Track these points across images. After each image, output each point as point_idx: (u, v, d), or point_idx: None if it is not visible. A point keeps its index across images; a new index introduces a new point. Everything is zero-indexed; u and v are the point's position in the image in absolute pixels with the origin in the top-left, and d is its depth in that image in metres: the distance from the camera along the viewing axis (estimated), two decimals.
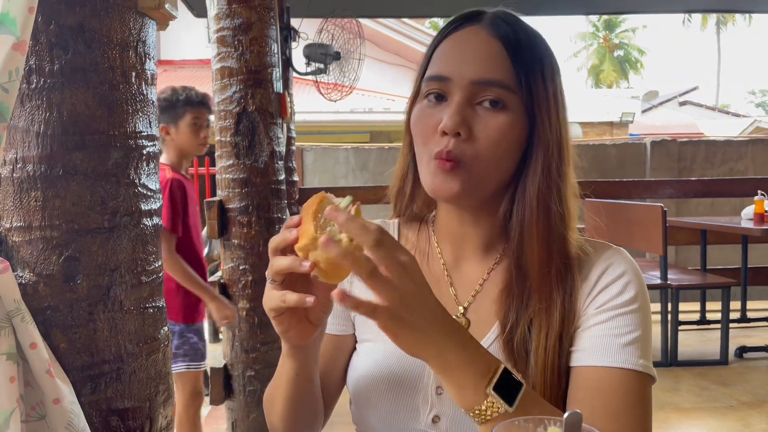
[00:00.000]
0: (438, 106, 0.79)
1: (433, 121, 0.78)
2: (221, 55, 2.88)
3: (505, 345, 0.79)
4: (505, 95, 0.77)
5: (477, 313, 0.85)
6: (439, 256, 0.89)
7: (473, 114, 0.77)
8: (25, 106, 1.03)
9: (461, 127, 0.75)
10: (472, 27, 0.80)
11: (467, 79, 0.76)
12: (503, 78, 0.76)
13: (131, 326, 1.11)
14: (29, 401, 1.00)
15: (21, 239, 1.04)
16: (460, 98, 0.76)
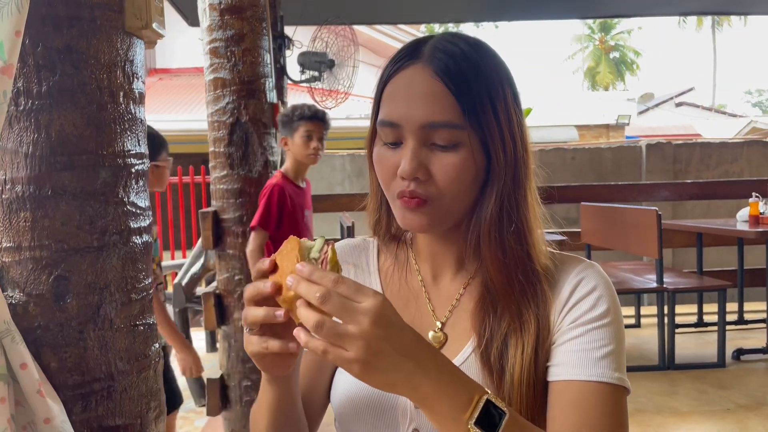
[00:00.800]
0: (394, 149, 0.80)
1: (391, 164, 0.80)
2: (214, 66, 2.90)
3: (481, 359, 0.80)
4: (456, 134, 0.77)
5: (454, 328, 0.86)
6: (418, 273, 0.91)
7: (429, 154, 0.78)
8: (14, 128, 1.03)
9: (418, 171, 0.77)
10: (413, 66, 0.79)
11: (416, 125, 0.77)
12: (450, 118, 0.76)
13: (122, 344, 1.12)
14: (20, 421, 1.01)
15: (10, 259, 1.05)
16: (413, 143, 0.77)
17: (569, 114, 12.29)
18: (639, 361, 4.02)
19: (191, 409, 3.47)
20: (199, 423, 3.33)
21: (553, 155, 6.43)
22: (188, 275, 3.63)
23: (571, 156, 6.50)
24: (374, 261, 0.94)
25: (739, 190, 5.04)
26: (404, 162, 0.77)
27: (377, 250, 0.95)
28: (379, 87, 0.83)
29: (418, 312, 0.88)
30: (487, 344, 0.79)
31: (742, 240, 4.63)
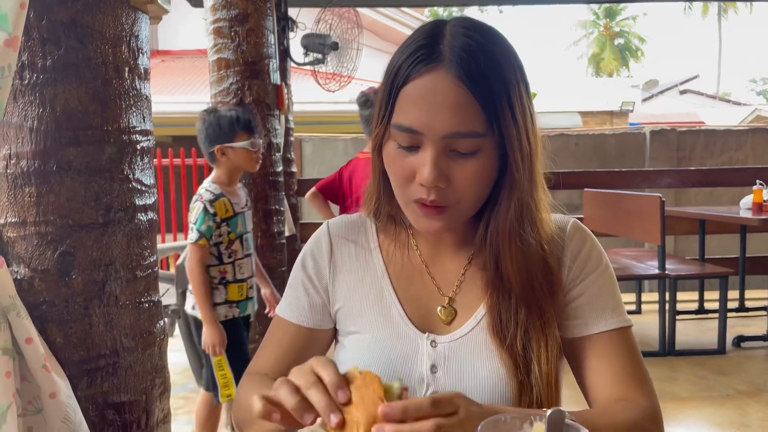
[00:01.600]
0: (410, 153, 0.78)
1: (407, 168, 0.79)
2: (218, 46, 2.88)
3: (492, 328, 0.82)
4: (479, 143, 0.76)
5: (463, 303, 0.88)
6: (417, 252, 0.92)
7: (449, 161, 0.77)
8: (18, 102, 1.03)
9: (440, 180, 0.76)
10: (435, 70, 0.75)
11: (439, 134, 0.75)
12: (475, 128, 0.75)
13: (127, 321, 1.12)
14: (26, 396, 1.01)
15: (16, 235, 1.04)
16: (434, 152, 0.76)
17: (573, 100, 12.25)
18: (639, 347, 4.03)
19: (193, 388, 3.49)
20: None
21: (556, 141, 6.40)
22: None
23: (574, 142, 6.46)
24: (374, 238, 0.94)
25: (742, 178, 5.01)
26: (426, 171, 0.76)
27: (375, 228, 0.95)
28: (395, 85, 0.79)
29: (424, 288, 0.89)
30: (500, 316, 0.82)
31: (745, 228, 4.61)
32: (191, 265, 2.33)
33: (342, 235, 0.94)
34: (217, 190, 2.36)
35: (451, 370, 0.83)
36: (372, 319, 0.88)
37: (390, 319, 0.87)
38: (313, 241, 0.95)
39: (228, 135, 2.35)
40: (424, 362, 0.84)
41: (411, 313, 0.87)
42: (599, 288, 0.85)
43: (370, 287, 0.90)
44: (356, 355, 0.87)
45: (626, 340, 0.85)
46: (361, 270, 0.91)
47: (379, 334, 0.87)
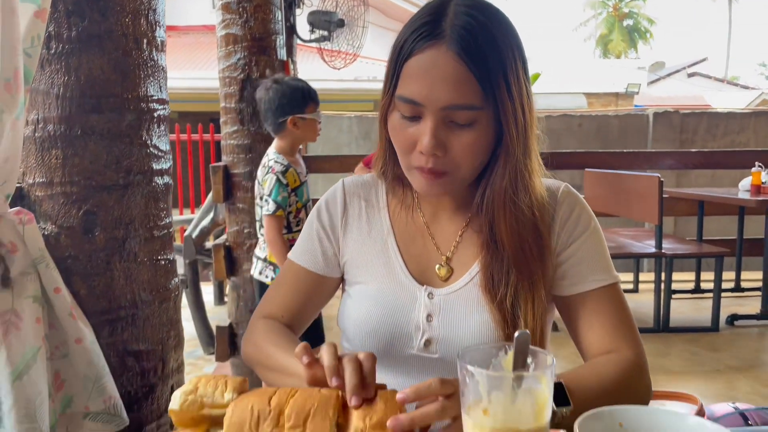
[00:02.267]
0: (412, 123, 0.85)
1: (409, 137, 0.85)
2: (226, 21, 2.93)
3: (484, 285, 0.90)
4: (475, 115, 0.82)
5: (459, 261, 0.96)
6: (420, 212, 0.99)
7: (447, 132, 0.83)
8: (45, 70, 1.10)
9: (438, 148, 0.83)
10: (437, 46, 0.81)
11: (438, 106, 0.81)
12: (472, 101, 0.81)
13: (145, 276, 1.21)
14: (53, 341, 1.10)
15: (43, 194, 1.13)
16: (433, 122, 0.82)
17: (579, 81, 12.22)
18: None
19: (200, 356, 3.60)
20: (208, 369, 3.47)
21: (559, 122, 6.44)
22: (198, 229, 3.72)
23: (578, 123, 6.50)
24: (383, 198, 1.02)
25: (743, 160, 5.05)
26: (425, 140, 0.82)
27: (385, 189, 1.03)
28: (399, 59, 0.84)
29: (424, 248, 0.98)
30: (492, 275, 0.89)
31: (743, 209, 4.67)
32: (272, 236, 2.37)
33: (355, 192, 1.03)
34: (284, 160, 2.42)
35: (445, 319, 0.91)
36: (376, 271, 0.97)
37: (392, 272, 0.96)
38: (329, 195, 1.03)
39: (300, 106, 2.41)
40: (421, 311, 0.92)
41: (412, 268, 0.96)
42: (588, 249, 0.92)
43: (376, 242, 0.99)
44: (361, 303, 0.96)
45: (614, 296, 0.91)
46: (369, 226, 1.00)
47: (382, 285, 0.95)
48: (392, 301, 0.94)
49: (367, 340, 0.94)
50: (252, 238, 2.99)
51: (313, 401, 0.65)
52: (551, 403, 0.58)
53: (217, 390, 0.69)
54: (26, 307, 1.03)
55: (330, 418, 0.64)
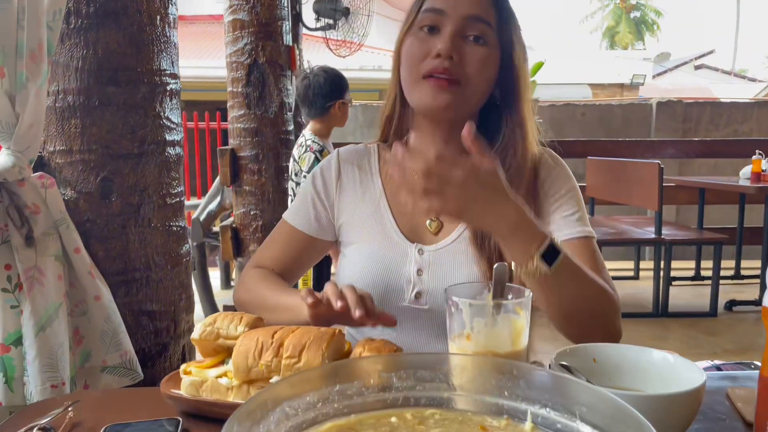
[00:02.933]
0: (430, 37, 0.93)
1: (426, 47, 0.93)
2: (233, 7, 2.99)
3: (473, 239, 0.97)
4: (488, 31, 0.93)
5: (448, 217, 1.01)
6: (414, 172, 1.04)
7: (462, 44, 0.92)
8: (65, 44, 1.17)
9: (454, 51, 0.91)
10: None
11: (460, 14, 0.92)
12: (488, 17, 0.93)
13: (158, 241, 1.28)
14: (73, 299, 1.18)
15: (63, 161, 1.20)
16: (453, 29, 0.92)
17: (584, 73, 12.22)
18: (634, 309, 4.19)
19: None
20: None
21: (563, 111, 6.48)
22: (206, 212, 3.80)
23: (581, 112, 6.54)
24: (375, 164, 1.09)
25: (744, 149, 5.09)
26: (443, 43, 0.91)
27: (377, 155, 1.10)
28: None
29: (415, 204, 1.02)
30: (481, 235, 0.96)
31: (744, 197, 4.71)
32: None
33: (349, 160, 1.10)
34: (320, 141, 2.67)
35: (434, 273, 0.98)
36: (370, 232, 1.04)
37: (384, 231, 1.03)
38: (325, 163, 1.10)
39: (344, 92, 2.70)
40: (411, 266, 0.99)
41: (402, 226, 1.03)
42: (567, 204, 1.00)
43: (369, 205, 1.05)
44: (356, 261, 1.03)
45: (590, 248, 0.99)
46: (363, 190, 1.07)
47: (374, 244, 1.02)
48: (385, 259, 1.01)
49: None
50: (258, 220, 3.06)
51: (309, 336, 0.72)
52: (527, 330, 0.64)
53: (232, 323, 0.76)
54: (49, 264, 1.10)
55: (323, 350, 0.71)
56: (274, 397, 0.50)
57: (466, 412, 0.55)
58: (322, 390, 0.54)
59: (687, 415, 0.63)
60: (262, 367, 0.71)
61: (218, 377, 0.74)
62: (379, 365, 0.57)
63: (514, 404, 0.53)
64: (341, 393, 0.54)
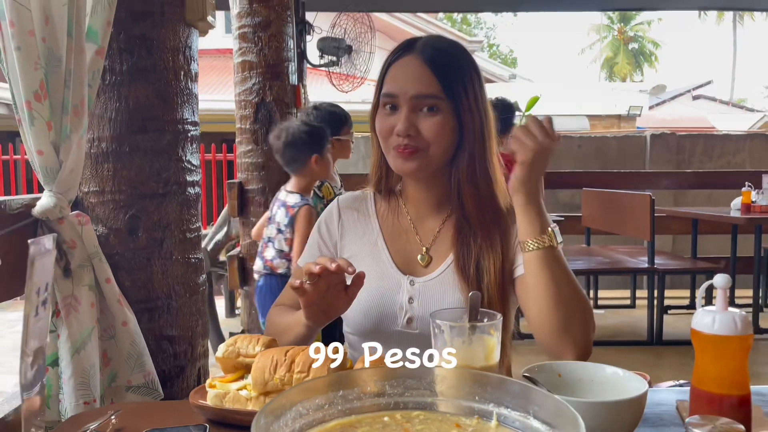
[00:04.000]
0: (392, 114, 1.10)
1: (389, 124, 1.10)
2: (242, 49, 3.17)
3: (458, 269, 1.11)
4: (437, 102, 1.07)
5: (437, 251, 1.16)
6: (407, 214, 1.21)
7: (417, 118, 1.08)
8: (101, 98, 1.33)
9: (410, 129, 1.07)
10: (408, 55, 1.10)
11: (409, 95, 1.07)
12: (434, 91, 1.07)
13: (178, 271, 1.42)
14: (103, 325, 1.31)
15: (96, 201, 1.34)
16: (407, 109, 1.07)
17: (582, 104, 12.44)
18: (630, 337, 4.29)
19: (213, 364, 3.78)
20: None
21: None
22: (213, 242, 3.94)
23: (577, 144, 6.71)
24: (372, 207, 1.23)
25: (736, 180, 5.23)
26: (400, 123, 1.07)
27: (374, 200, 1.25)
28: (382, 71, 1.13)
29: (408, 241, 1.19)
30: (464, 259, 1.11)
31: (736, 227, 4.84)
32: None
33: (348, 206, 1.25)
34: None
35: (424, 301, 1.12)
36: (368, 266, 1.16)
37: (381, 265, 1.17)
38: (327, 211, 1.27)
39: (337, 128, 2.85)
40: (404, 295, 1.13)
41: (397, 260, 1.17)
42: None
43: (367, 243, 1.20)
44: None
45: None
46: (362, 230, 1.21)
47: (372, 276, 1.14)
48: (380, 289, 1.14)
49: (360, 319, 1.15)
50: None
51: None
52: (499, 348, 0.78)
53: (250, 344, 0.89)
54: (83, 293, 1.23)
55: (328, 365, 0.84)
56: (291, 400, 0.64)
57: (445, 414, 0.68)
58: (328, 395, 0.67)
59: (632, 418, 0.75)
60: (277, 381, 0.84)
61: (239, 390, 0.88)
62: (375, 375, 0.70)
63: (483, 406, 0.66)
64: (344, 397, 0.67)
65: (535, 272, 1.02)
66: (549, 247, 1.01)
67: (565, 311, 1.02)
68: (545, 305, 1.02)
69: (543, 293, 1.01)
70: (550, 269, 1.01)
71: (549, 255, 1.01)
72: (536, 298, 1.03)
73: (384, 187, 1.22)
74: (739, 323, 0.74)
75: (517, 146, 1.00)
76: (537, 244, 1.01)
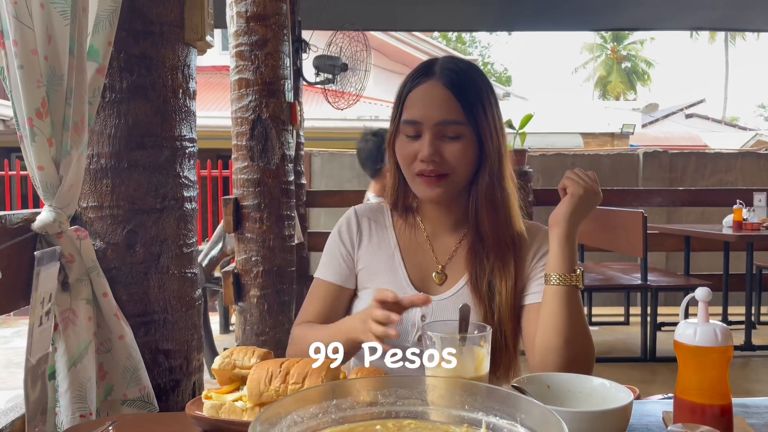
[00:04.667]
0: (414, 141, 1.11)
1: (412, 151, 1.11)
2: (239, 67, 3.21)
3: (472, 289, 1.13)
4: (460, 129, 1.10)
5: (452, 269, 1.18)
6: (423, 231, 1.22)
7: (440, 143, 1.10)
8: (101, 115, 1.35)
9: (434, 156, 1.09)
10: (429, 81, 1.11)
11: (433, 122, 1.09)
12: (457, 117, 1.09)
13: (174, 286, 1.43)
14: (100, 338, 1.32)
15: (94, 215, 1.36)
16: (430, 136, 1.09)
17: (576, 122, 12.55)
18: (623, 353, 4.30)
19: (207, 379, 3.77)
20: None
21: (553, 160, 6.71)
22: (208, 258, 3.95)
23: (570, 161, 6.77)
24: (389, 219, 1.25)
25: (728, 198, 5.29)
26: (425, 149, 1.08)
27: (390, 213, 1.26)
28: (402, 96, 1.14)
29: (424, 258, 1.21)
30: (478, 279, 1.13)
31: (729, 245, 4.88)
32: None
33: (365, 216, 1.27)
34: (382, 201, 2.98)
35: (436, 320, 1.12)
36: (384, 279, 1.19)
37: (397, 280, 1.18)
38: (345, 220, 1.27)
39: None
40: (417, 313, 1.14)
41: (413, 276, 1.19)
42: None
43: (383, 255, 1.21)
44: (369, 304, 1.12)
45: None
46: (378, 241, 1.23)
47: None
48: None
49: None
50: (259, 266, 3.22)
51: (311, 365, 0.87)
52: (488, 359, 0.80)
53: (246, 356, 0.91)
54: (81, 307, 1.25)
55: (322, 376, 0.86)
56: (285, 408, 0.66)
57: (435, 422, 0.70)
58: (322, 404, 0.69)
59: (617, 428, 0.77)
60: (272, 392, 0.86)
61: (235, 401, 0.89)
62: (368, 385, 0.72)
63: (472, 415, 0.68)
64: (337, 406, 0.69)
65: (553, 306, 1.04)
66: (573, 287, 1.04)
67: (573, 350, 1.04)
68: (554, 341, 1.04)
69: (555, 328, 1.03)
70: (568, 307, 1.03)
71: (571, 294, 1.04)
72: (546, 331, 1.05)
73: (401, 205, 1.23)
74: (719, 335, 0.76)
75: (570, 181, 1.05)
76: (563, 280, 1.03)
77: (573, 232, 1.05)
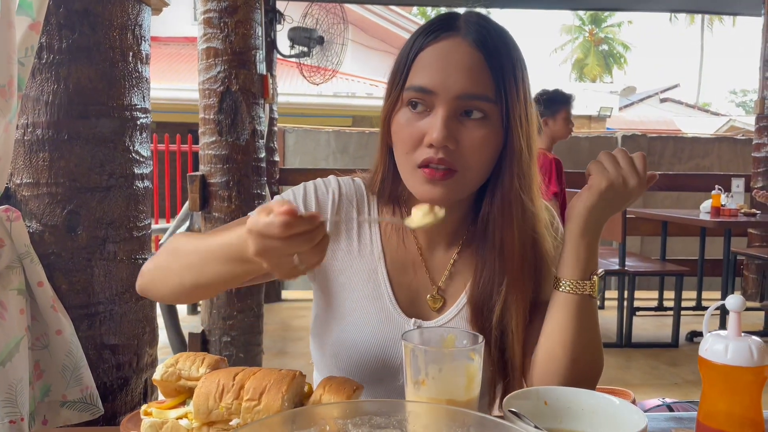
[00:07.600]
0: (421, 117, 0.81)
1: (417, 131, 0.81)
2: (207, 35, 3.02)
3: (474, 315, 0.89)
4: (487, 108, 0.80)
5: (450, 291, 0.93)
6: (414, 240, 0.94)
7: (458, 125, 0.80)
8: (36, 79, 1.18)
9: (449, 140, 0.79)
10: (453, 37, 0.81)
11: (452, 94, 0.78)
12: (486, 92, 0.79)
13: (123, 274, 1.28)
14: (35, 333, 1.17)
15: (29, 194, 1.20)
16: (445, 112, 0.79)
17: None
18: None
19: None
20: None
21: None
22: None
23: None
24: (374, 214, 0.95)
25: (704, 183, 5.26)
26: (436, 130, 0.78)
27: (377, 203, 0.96)
28: (410, 55, 0.82)
29: (415, 277, 0.93)
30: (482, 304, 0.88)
31: (705, 230, 4.86)
32: None
33: (349, 199, 0.94)
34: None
35: None
36: (364, 297, 0.91)
37: (380, 302, 0.91)
38: (322, 186, 0.95)
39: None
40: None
41: (401, 299, 0.91)
42: None
43: (365, 266, 0.93)
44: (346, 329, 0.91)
45: None
46: (360, 244, 0.94)
47: (369, 315, 0.91)
48: (379, 334, 0.90)
49: (353, 370, 0.90)
50: None
51: (270, 379, 0.74)
52: (480, 376, 0.67)
53: (194, 365, 0.77)
54: (11, 298, 1.09)
55: (282, 393, 0.72)
56: None
57: None
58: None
59: None
60: (223, 410, 0.72)
61: (179, 418, 0.75)
62: (336, 411, 0.59)
63: None
64: None
65: (560, 317, 0.83)
66: (587, 296, 0.83)
67: (580, 369, 0.84)
68: (559, 358, 0.84)
69: (561, 344, 0.84)
70: (579, 320, 0.83)
71: (584, 304, 0.83)
72: (550, 344, 0.85)
73: (387, 196, 0.93)
74: (755, 352, 0.65)
75: (596, 167, 0.81)
76: (575, 288, 0.82)
77: (591, 230, 0.82)
